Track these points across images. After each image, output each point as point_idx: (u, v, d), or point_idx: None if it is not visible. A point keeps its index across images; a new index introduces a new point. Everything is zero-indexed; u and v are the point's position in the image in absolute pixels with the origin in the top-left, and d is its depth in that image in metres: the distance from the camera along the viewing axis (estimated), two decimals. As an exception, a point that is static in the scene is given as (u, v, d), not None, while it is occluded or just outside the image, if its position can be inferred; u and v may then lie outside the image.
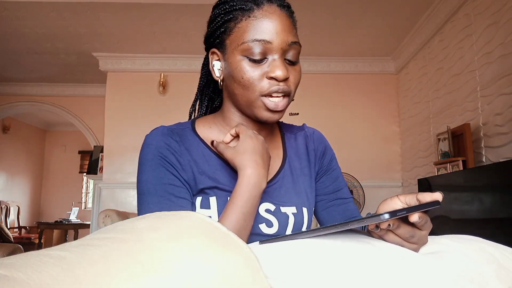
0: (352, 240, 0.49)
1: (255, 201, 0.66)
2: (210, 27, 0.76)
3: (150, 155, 0.71)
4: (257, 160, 0.68)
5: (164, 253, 0.29)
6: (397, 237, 0.54)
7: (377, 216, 0.45)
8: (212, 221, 0.37)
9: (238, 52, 0.69)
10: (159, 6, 3.14)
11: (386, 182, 4.00)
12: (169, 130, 0.75)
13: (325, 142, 0.89)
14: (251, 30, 0.68)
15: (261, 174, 0.68)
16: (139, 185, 0.71)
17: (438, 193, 0.52)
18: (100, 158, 4.58)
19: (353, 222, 0.46)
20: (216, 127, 0.80)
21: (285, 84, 0.70)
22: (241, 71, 0.69)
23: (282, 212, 0.75)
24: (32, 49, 4.02)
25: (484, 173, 2.14)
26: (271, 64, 0.69)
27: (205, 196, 0.72)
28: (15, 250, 3.45)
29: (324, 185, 0.85)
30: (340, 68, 4.15)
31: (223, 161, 0.75)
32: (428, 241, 0.57)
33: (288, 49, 0.70)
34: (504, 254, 0.53)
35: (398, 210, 0.47)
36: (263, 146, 0.71)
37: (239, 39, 0.69)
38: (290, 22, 0.71)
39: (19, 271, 0.24)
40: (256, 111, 0.72)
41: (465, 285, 0.44)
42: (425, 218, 0.52)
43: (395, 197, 0.58)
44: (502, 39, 2.30)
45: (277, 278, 0.39)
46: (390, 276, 0.41)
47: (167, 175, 0.70)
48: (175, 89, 4.14)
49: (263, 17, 0.68)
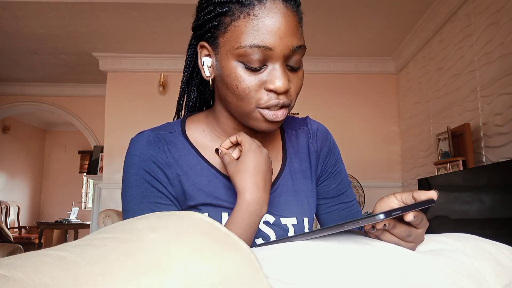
0: (349, 241, 0.49)
1: (254, 227, 0.62)
2: (200, 15, 0.65)
3: (134, 168, 0.66)
4: (258, 182, 0.62)
5: (164, 253, 0.29)
6: (393, 236, 0.53)
7: (372, 216, 0.45)
8: (213, 221, 0.37)
9: (233, 56, 0.60)
10: (159, 6, 3.14)
11: (386, 182, 4.00)
12: (155, 137, 0.68)
13: (330, 140, 0.81)
14: (249, 32, 0.58)
15: (262, 199, 0.62)
16: (124, 201, 0.67)
17: (433, 191, 0.52)
18: (100, 158, 4.59)
19: (349, 223, 0.46)
20: (210, 132, 0.73)
21: (285, 97, 0.62)
22: (235, 79, 0.60)
23: (282, 224, 0.71)
24: (32, 49, 4.02)
25: (484, 173, 2.14)
26: (271, 74, 0.60)
27: (196, 211, 0.69)
28: (15, 250, 3.45)
29: (327, 188, 0.79)
30: (340, 68, 4.15)
31: (216, 171, 0.70)
32: (426, 240, 0.57)
33: (291, 55, 0.60)
34: (502, 251, 0.54)
35: (393, 210, 0.47)
36: (267, 163, 0.65)
37: (235, 41, 0.59)
38: (296, 21, 0.60)
39: (19, 271, 0.24)
40: (253, 122, 0.64)
41: (463, 282, 0.44)
42: (421, 217, 0.52)
43: (392, 195, 0.58)
44: (502, 39, 2.30)
45: (277, 278, 0.39)
46: (388, 275, 0.41)
47: (153, 192, 0.65)
48: (175, 89, 4.14)
49: (265, 16, 0.58)
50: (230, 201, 0.69)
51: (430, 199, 0.51)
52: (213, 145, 0.72)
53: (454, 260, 0.48)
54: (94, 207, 4.16)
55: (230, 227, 0.61)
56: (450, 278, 0.44)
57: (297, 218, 0.73)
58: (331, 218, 0.80)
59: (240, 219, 0.61)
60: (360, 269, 0.41)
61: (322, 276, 0.39)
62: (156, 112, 4.05)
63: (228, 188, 0.69)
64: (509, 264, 0.51)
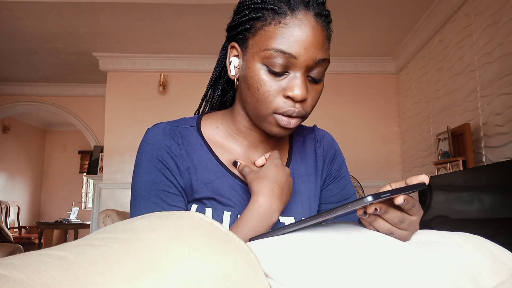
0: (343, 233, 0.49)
1: (262, 231, 0.62)
2: (235, 17, 0.69)
3: (147, 156, 0.68)
4: (273, 188, 0.64)
5: (164, 253, 0.29)
6: (386, 223, 0.53)
7: (361, 199, 0.44)
8: (212, 221, 0.37)
9: (259, 58, 0.63)
10: (159, 6, 3.14)
11: (386, 182, 3.97)
12: (171, 129, 0.71)
13: (335, 146, 0.84)
14: (278, 38, 0.61)
15: (274, 205, 0.63)
16: (134, 186, 0.69)
17: (424, 175, 0.52)
18: (100, 158, 4.59)
19: (338, 208, 0.46)
20: (224, 129, 0.75)
21: (301, 106, 0.64)
22: (257, 81, 0.63)
23: (281, 223, 0.72)
24: (32, 49, 4.02)
25: (484, 173, 2.14)
26: (291, 81, 0.62)
27: (201, 205, 0.69)
28: (15, 250, 3.45)
29: (331, 193, 0.81)
30: (340, 68, 4.15)
31: (225, 169, 0.72)
32: (423, 232, 0.57)
33: (314, 66, 0.63)
34: (501, 250, 0.54)
35: (382, 192, 0.46)
36: (287, 178, 0.67)
37: (262, 44, 0.62)
38: (324, 36, 0.63)
39: (19, 271, 0.24)
40: (266, 125, 0.67)
41: (457, 278, 0.44)
42: (412, 201, 0.52)
43: (387, 185, 0.58)
44: (502, 39, 2.30)
45: (277, 278, 0.39)
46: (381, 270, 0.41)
47: (162, 181, 0.67)
48: (175, 89, 4.14)
49: (294, 26, 0.60)
50: (233, 201, 0.70)
51: (421, 182, 0.51)
52: (225, 143, 0.75)
53: (450, 254, 0.48)
54: (94, 207, 4.16)
55: (238, 224, 0.63)
56: (446, 274, 0.44)
57: (295, 218, 0.74)
58: None
59: (248, 219, 0.62)
60: (355, 266, 0.41)
61: (317, 272, 0.39)
62: (156, 112, 4.05)
63: (233, 188, 0.71)
64: (508, 262, 0.51)
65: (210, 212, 0.69)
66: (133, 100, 4.14)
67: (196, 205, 0.70)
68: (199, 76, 3.98)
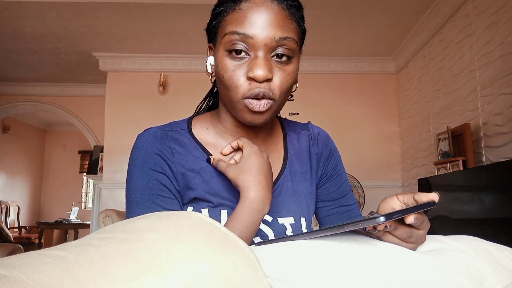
0: (350, 240, 0.49)
1: (256, 225, 0.63)
2: (210, 18, 0.71)
3: (139, 161, 0.68)
4: (261, 181, 0.64)
5: (164, 253, 0.29)
6: (394, 237, 0.54)
7: (373, 219, 0.45)
8: (212, 221, 0.37)
9: (222, 46, 0.64)
10: (159, 6, 3.14)
11: (386, 182, 4.00)
12: (162, 133, 0.71)
13: (331, 144, 0.83)
14: (234, 22, 0.62)
15: (265, 197, 0.63)
16: (128, 192, 0.68)
17: (434, 194, 0.52)
18: (100, 158, 4.59)
19: (349, 224, 0.46)
20: (213, 129, 0.76)
21: (268, 86, 0.62)
22: (222, 69, 0.64)
23: (279, 224, 0.72)
24: (32, 49, 4.02)
25: (484, 173, 2.14)
26: (252, 62, 0.62)
27: (196, 206, 0.69)
28: (15, 250, 3.45)
29: (327, 191, 0.81)
30: (340, 68, 4.15)
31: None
32: (426, 240, 0.57)
33: (275, 46, 0.62)
34: (503, 253, 0.54)
35: (393, 212, 0.47)
36: (268, 165, 0.67)
37: (222, 32, 0.64)
38: (283, 15, 0.63)
39: (19, 271, 0.24)
40: (239, 114, 0.66)
41: (463, 281, 0.44)
42: (421, 218, 0.53)
43: (394, 197, 0.59)
44: (502, 39, 2.30)
45: (277, 278, 0.39)
46: (388, 274, 0.41)
47: (156, 185, 0.67)
48: (175, 89, 4.14)
49: (248, 9, 0.62)
50: (230, 199, 0.70)
51: (431, 201, 0.52)
52: (216, 142, 0.74)
53: (454, 259, 0.48)
54: (94, 207, 4.16)
55: (232, 223, 0.62)
56: (451, 277, 0.44)
57: (294, 217, 0.74)
58: (332, 221, 0.82)
59: (242, 216, 0.62)
60: (360, 269, 0.41)
61: (322, 275, 0.39)
62: (156, 112, 4.05)
63: (229, 186, 0.70)
64: (510, 265, 0.51)
65: (207, 212, 0.69)
66: (133, 100, 4.14)
67: (192, 207, 0.69)
68: (199, 76, 3.98)
